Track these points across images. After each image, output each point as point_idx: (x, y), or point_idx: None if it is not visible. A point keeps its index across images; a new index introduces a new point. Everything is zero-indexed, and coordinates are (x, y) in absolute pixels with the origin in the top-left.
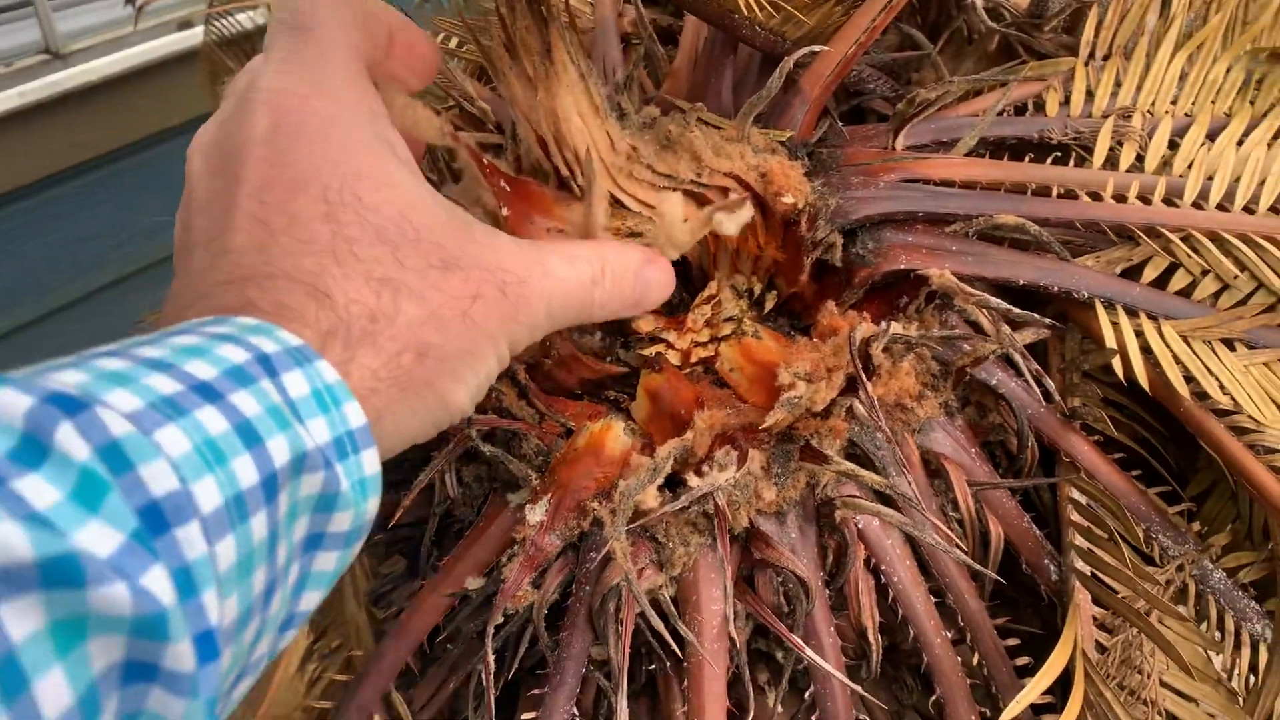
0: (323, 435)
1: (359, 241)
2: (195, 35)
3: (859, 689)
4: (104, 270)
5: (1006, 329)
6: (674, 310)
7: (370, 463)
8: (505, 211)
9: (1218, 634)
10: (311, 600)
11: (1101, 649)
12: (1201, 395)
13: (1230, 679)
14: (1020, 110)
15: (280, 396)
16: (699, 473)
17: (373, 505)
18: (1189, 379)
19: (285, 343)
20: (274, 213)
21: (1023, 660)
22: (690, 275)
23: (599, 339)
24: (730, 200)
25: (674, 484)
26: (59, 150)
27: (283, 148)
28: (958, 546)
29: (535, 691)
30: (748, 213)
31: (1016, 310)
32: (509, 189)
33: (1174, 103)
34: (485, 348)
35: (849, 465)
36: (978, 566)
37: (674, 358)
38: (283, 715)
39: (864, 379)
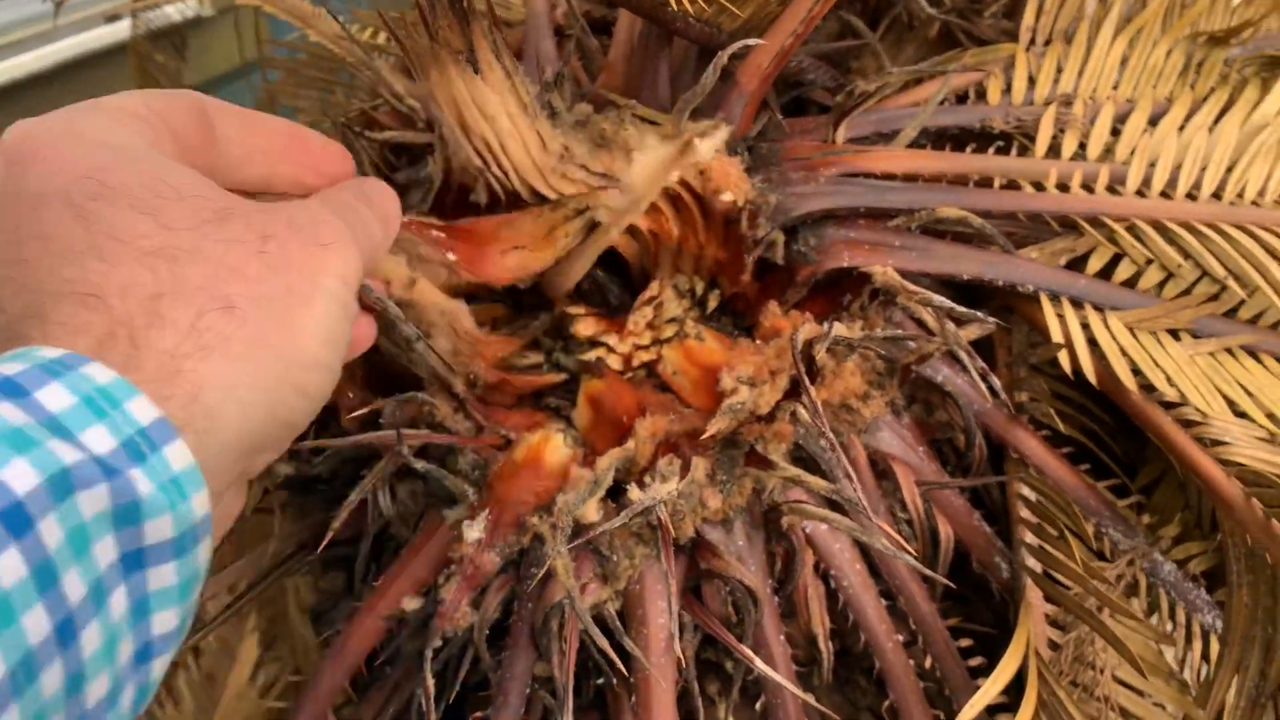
0: (105, 443)
1: (117, 226)
2: (122, 29)
3: (809, 699)
4: None
5: (951, 326)
6: (615, 313)
7: (178, 457)
8: (453, 257)
9: (1169, 626)
10: (167, 620)
11: (1054, 646)
12: (1148, 388)
13: (1183, 671)
14: (962, 99)
15: (27, 416)
16: (641, 484)
17: (198, 502)
18: (1135, 371)
19: (37, 359)
20: (26, 246)
21: (976, 661)
22: (631, 276)
23: (536, 345)
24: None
25: (617, 493)
26: None
27: (16, 178)
28: (907, 551)
29: (478, 715)
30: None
31: (960, 308)
32: (447, 236)
33: (1115, 88)
34: (305, 284)
35: (795, 471)
36: (927, 570)
37: (615, 362)
38: None
39: (807, 383)
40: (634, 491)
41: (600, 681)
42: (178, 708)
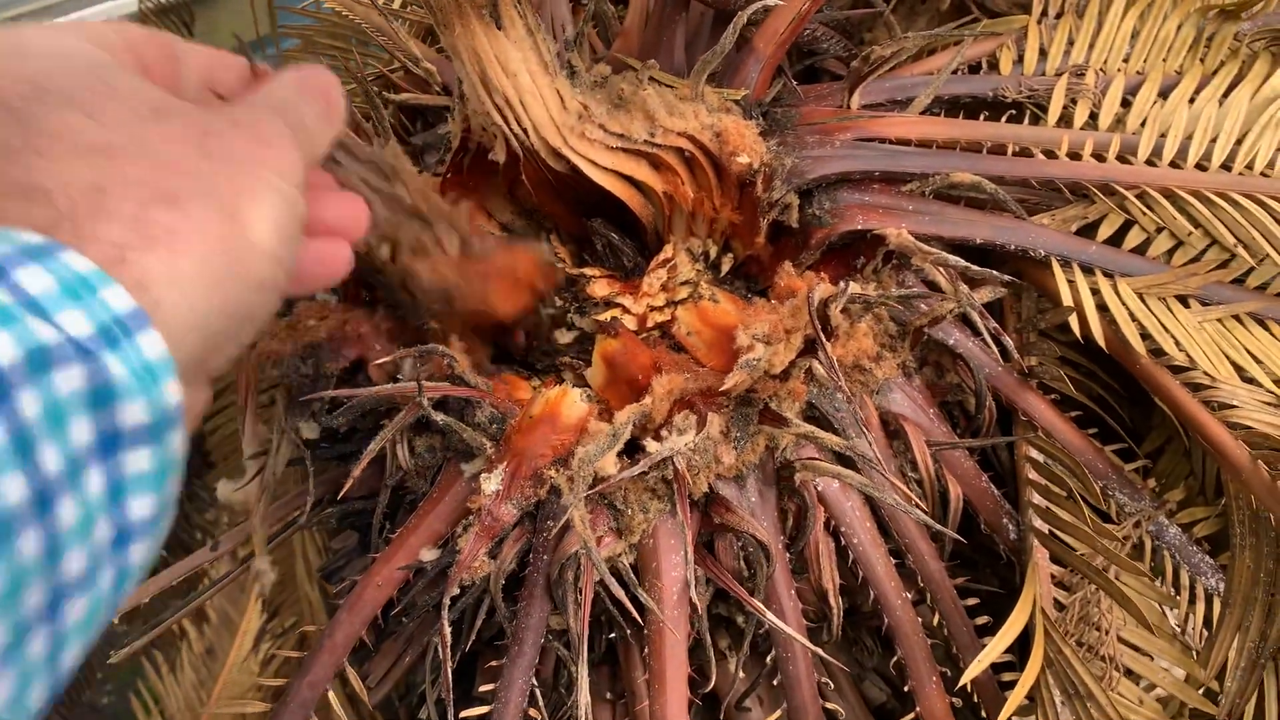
0: (82, 326)
1: (54, 123)
2: (129, 4)
3: (820, 651)
4: None
5: (964, 287)
6: (629, 275)
7: (151, 345)
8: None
9: (1173, 590)
10: (144, 506)
11: (1060, 607)
12: (1157, 352)
13: (1185, 633)
14: (974, 69)
15: (8, 294)
16: (657, 438)
17: (170, 390)
18: (1144, 336)
19: (18, 241)
20: None
21: (982, 619)
22: (645, 240)
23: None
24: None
25: (632, 451)
26: None
27: None
28: (918, 505)
29: (494, 663)
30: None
31: (974, 267)
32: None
33: (1126, 61)
34: (248, 178)
35: (808, 427)
36: (937, 526)
37: (630, 323)
38: (237, 695)
39: (823, 339)
40: (651, 444)
41: (612, 636)
42: (178, 680)
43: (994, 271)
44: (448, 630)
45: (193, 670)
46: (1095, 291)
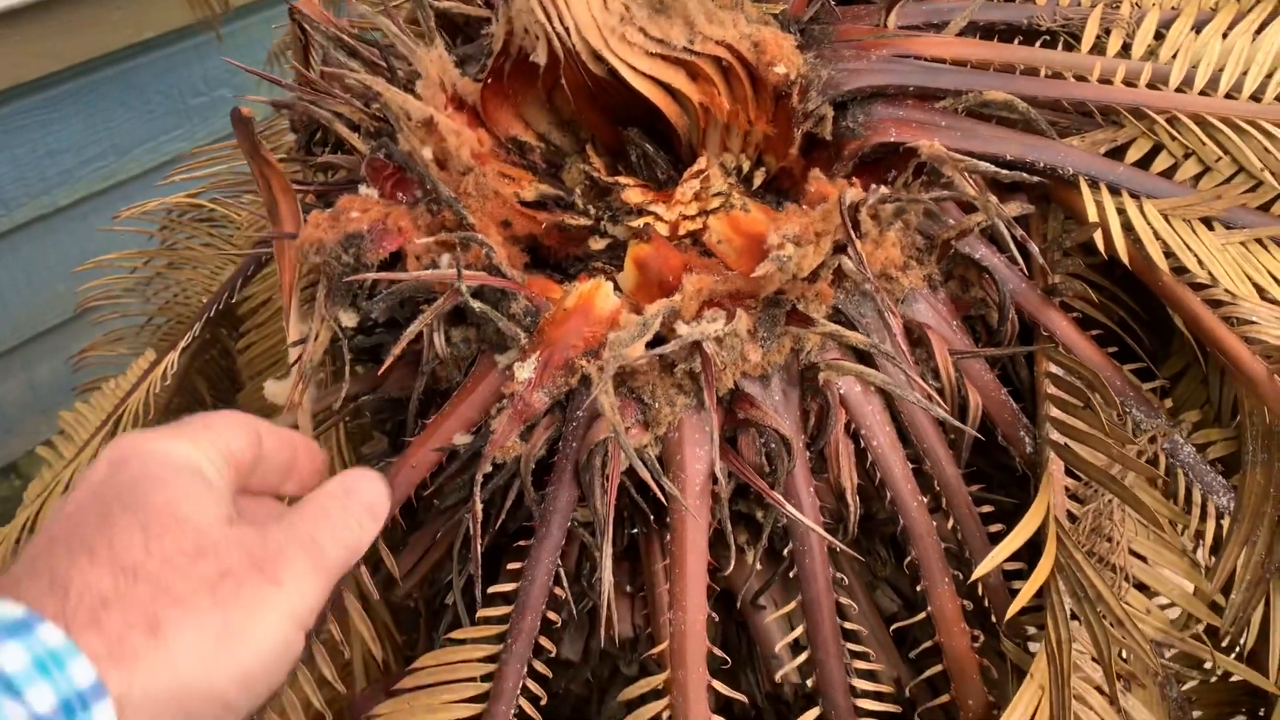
0: (45, 701)
1: (120, 533)
2: None
3: (837, 543)
4: (72, 187)
5: (994, 199)
6: (662, 187)
7: (102, 715)
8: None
9: (1185, 508)
10: None
11: (1072, 518)
12: (1179, 270)
13: (1195, 551)
14: None
15: None
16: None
17: None
18: (1168, 255)
19: (3, 617)
20: (59, 525)
21: (996, 527)
22: (679, 153)
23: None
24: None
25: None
26: (25, 60)
27: (110, 474)
28: (939, 404)
29: (521, 543)
30: None
31: (1005, 172)
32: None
33: None
34: (249, 626)
35: (834, 326)
36: (956, 422)
37: (662, 230)
38: None
39: (853, 236)
40: (682, 326)
41: (634, 531)
42: None
43: (1026, 175)
44: (479, 507)
45: None
46: (1121, 211)
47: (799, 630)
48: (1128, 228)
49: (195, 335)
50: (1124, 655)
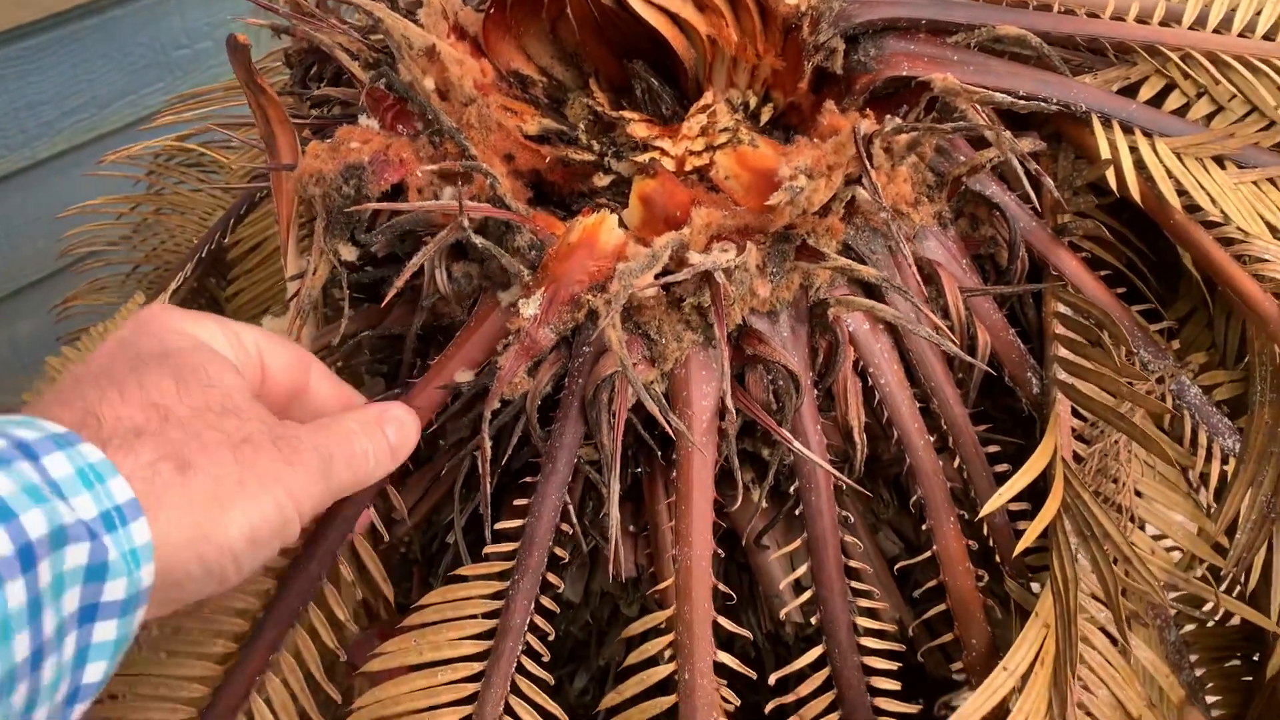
0: (89, 510)
1: (150, 376)
2: None
3: (844, 478)
4: (53, 139)
5: (1008, 134)
6: (668, 123)
7: (140, 533)
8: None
9: (1191, 450)
10: (97, 671)
11: (1079, 459)
12: (1191, 208)
13: (1199, 492)
14: None
15: (39, 476)
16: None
17: (146, 573)
18: (1180, 193)
19: (46, 429)
20: (86, 369)
21: (1002, 467)
22: (685, 89)
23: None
24: None
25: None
26: (4, 7)
27: (133, 333)
28: (949, 338)
29: (527, 479)
30: None
31: (1021, 102)
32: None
33: None
34: (257, 489)
35: (845, 261)
36: (965, 356)
37: (668, 165)
38: None
39: (868, 165)
40: (695, 256)
41: (638, 470)
42: None
43: (1042, 104)
44: (487, 445)
45: None
46: (1134, 149)
47: (803, 569)
48: (1140, 165)
49: (186, 277)
50: (1126, 594)
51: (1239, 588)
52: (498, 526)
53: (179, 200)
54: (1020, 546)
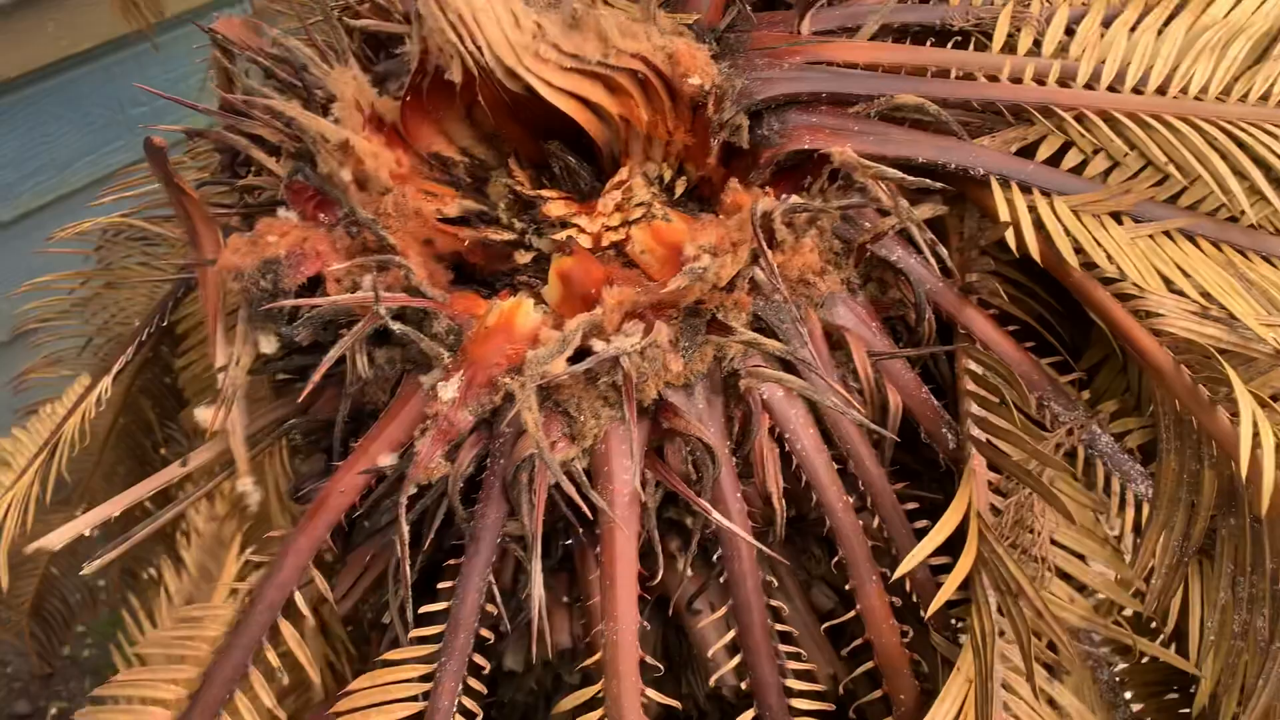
0: None
1: None
2: None
3: (764, 547)
4: (12, 203)
5: (905, 203)
6: (586, 198)
7: None
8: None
9: (1105, 497)
10: None
11: (996, 512)
12: (1090, 265)
13: (1119, 541)
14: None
15: None
16: (606, 342)
17: None
18: (1079, 250)
19: None
20: None
21: (922, 523)
22: (602, 164)
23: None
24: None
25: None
26: None
27: None
28: (855, 407)
29: (452, 562)
30: None
31: (910, 177)
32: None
33: None
34: None
35: (752, 334)
36: (873, 426)
37: (585, 242)
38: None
39: (764, 245)
40: (598, 344)
41: (569, 542)
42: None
43: (931, 182)
44: (405, 528)
45: (173, 624)
46: (1033, 209)
47: (730, 634)
48: (1039, 225)
49: (129, 359)
50: (1053, 645)
51: (1163, 630)
52: (422, 610)
53: (127, 275)
54: (935, 604)
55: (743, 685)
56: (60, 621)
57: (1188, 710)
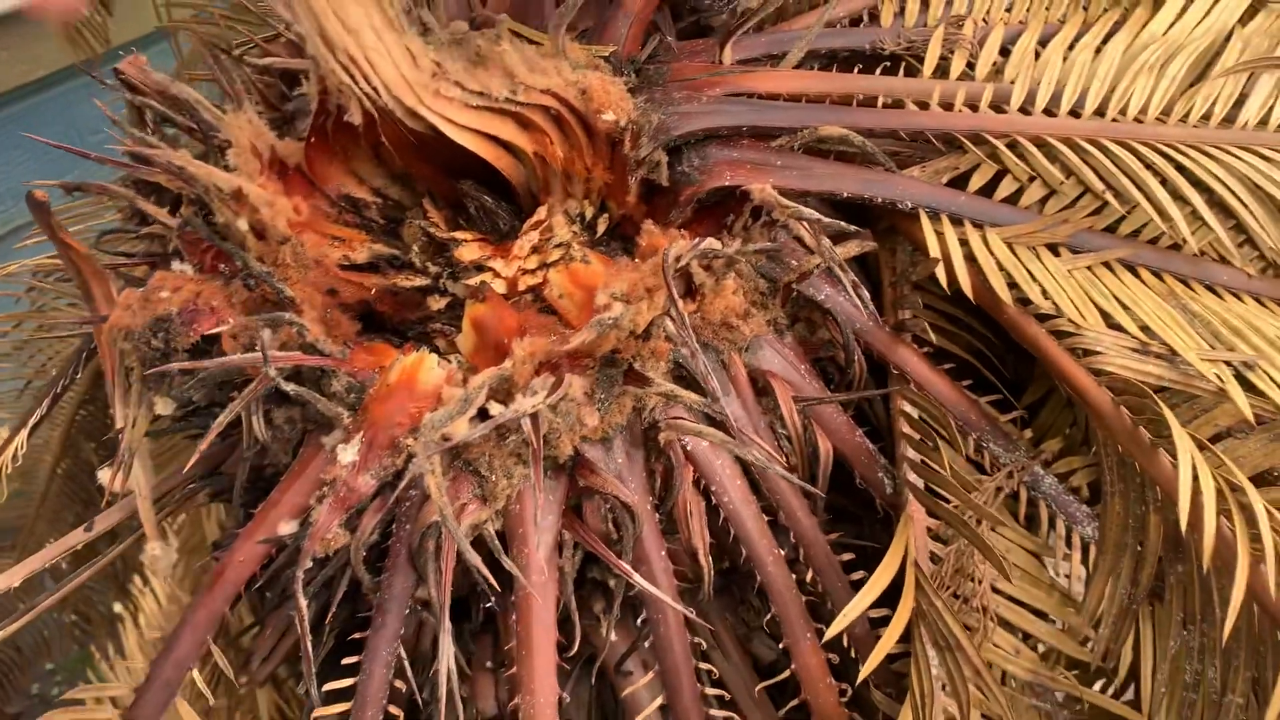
0: None
1: None
2: None
3: (689, 612)
4: None
5: (827, 242)
6: (505, 238)
7: None
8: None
9: (1050, 539)
10: None
11: (936, 559)
12: (1024, 301)
13: (1070, 585)
14: (856, 22)
15: None
16: (513, 398)
17: None
18: (1012, 285)
19: None
20: None
21: (858, 575)
22: (521, 203)
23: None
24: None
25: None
26: None
27: None
28: (777, 461)
29: (357, 635)
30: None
31: (826, 220)
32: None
33: (1009, 10)
34: None
35: (669, 386)
36: (801, 483)
37: (501, 287)
38: None
39: (674, 294)
40: (495, 406)
41: (490, 605)
42: (130, 670)
43: (854, 228)
44: (303, 604)
45: (142, 655)
46: (964, 242)
47: (659, 700)
48: (970, 258)
49: (44, 413)
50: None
51: (1115, 678)
52: (327, 688)
53: (58, 318)
54: (871, 662)
55: None
56: (13, 666)
57: None
